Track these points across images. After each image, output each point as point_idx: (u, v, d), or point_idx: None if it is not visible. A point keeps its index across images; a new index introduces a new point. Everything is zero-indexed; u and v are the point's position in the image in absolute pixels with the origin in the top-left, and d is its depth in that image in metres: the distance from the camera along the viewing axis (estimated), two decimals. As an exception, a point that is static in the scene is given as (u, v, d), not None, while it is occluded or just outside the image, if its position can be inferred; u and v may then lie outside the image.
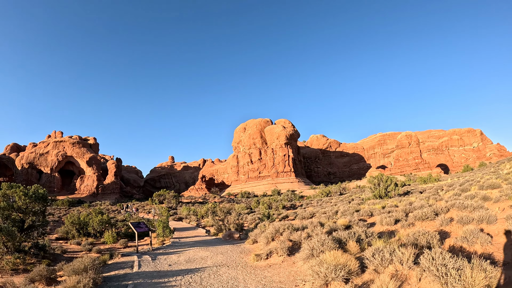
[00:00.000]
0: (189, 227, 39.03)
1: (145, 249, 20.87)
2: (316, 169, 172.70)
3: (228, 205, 60.18)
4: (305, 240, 14.63)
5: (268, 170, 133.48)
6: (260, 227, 24.29)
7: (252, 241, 19.94)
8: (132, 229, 19.04)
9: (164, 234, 28.31)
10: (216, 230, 29.31)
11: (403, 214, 18.34)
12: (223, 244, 21.49)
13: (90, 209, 39.95)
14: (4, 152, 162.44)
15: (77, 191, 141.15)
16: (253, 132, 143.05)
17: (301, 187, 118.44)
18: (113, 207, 73.56)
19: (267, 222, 29.36)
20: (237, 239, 23.56)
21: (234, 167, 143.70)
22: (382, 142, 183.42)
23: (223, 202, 79.00)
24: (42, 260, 19.26)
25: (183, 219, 49.30)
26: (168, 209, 68.64)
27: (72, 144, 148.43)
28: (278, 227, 17.23)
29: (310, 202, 54.76)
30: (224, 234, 24.33)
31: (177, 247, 20.64)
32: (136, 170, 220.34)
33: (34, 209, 22.09)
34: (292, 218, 32.93)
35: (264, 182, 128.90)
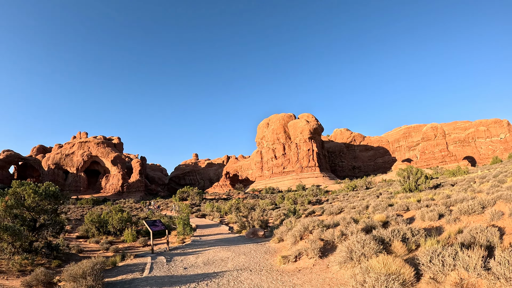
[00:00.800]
0: (212, 224, 37.47)
1: (162, 248, 19.27)
2: (340, 164, 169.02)
3: (252, 201, 58.47)
4: (340, 240, 12.64)
5: (292, 165, 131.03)
6: (286, 224, 22.41)
7: (277, 240, 18.04)
8: (147, 227, 17.38)
9: (185, 232, 26.73)
10: (239, 227, 27.54)
11: (445, 208, 15.98)
12: (246, 242, 19.69)
13: (111, 207, 38.89)
14: (31, 153, 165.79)
15: (102, 190, 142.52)
16: (277, 127, 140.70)
17: (326, 182, 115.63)
18: (137, 205, 73.06)
19: (293, 218, 27.43)
20: (261, 237, 21.70)
21: (258, 163, 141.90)
22: (407, 135, 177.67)
23: (247, 198, 77.40)
24: (53, 260, 17.80)
25: (206, 215, 47.82)
26: (191, 205, 67.54)
27: (96, 144, 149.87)
28: (306, 224, 15.20)
29: (336, 196, 52.52)
30: (248, 232, 22.49)
31: (196, 246, 18.96)
32: (161, 168, 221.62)
33: (45, 207, 20.81)
34: (319, 214, 30.99)
35: (288, 177, 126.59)
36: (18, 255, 17.48)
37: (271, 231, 23.34)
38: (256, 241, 20.37)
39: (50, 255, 19.14)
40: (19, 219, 19.11)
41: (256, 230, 22.30)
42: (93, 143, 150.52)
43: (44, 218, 20.88)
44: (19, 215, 19.40)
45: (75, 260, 19.27)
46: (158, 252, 17.53)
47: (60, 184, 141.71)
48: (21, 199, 20.60)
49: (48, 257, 18.69)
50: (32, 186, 21.22)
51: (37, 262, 17.19)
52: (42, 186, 21.68)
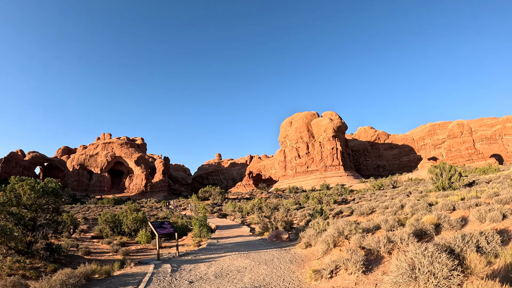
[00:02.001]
0: (232, 224, 35.02)
1: (173, 253, 16.74)
2: (364, 162, 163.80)
3: (275, 200, 55.71)
4: (386, 248, 9.68)
5: (316, 164, 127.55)
6: (314, 226, 19.59)
7: (304, 245, 15.32)
8: (152, 229, 14.86)
9: (201, 234, 24.21)
10: (261, 228, 24.84)
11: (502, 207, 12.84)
12: (268, 247, 17.01)
13: (126, 207, 36.90)
14: (56, 155, 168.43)
15: (126, 190, 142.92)
16: (300, 126, 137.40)
17: (350, 181, 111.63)
18: (158, 205, 71.54)
19: (321, 219, 24.51)
20: (285, 240, 18.96)
21: (281, 162, 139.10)
22: (432, 133, 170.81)
23: (270, 197, 74.58)
24: (49, 264, 15.84)
25: (228, 216, 45.45)
26: (212, 205, 65.28)
27: (120, 145, 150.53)
28: (341, 227, 12.36)
29: (362, 196, 49.30)
30: (271, 234, 19.76)
31: (212, 252, 16.38)
32: (184, 168, 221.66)
33: (43, 205, 18.65)
34: (347, 214, 28.24)
35: (312, 176, 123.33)
36: (12, 257, 15.30)
37: (296, 233, 20.63)
38: (279, 245, 17.65)
39: (50, 257, 17.18)
40: (13, 217, 17.02)
41: (280, 232, 19.54)
42: (116, 144, 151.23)
43: (44, 217, 18.92)
44: (15, 214, 17.37)
45: (77, 263, 17.05)
46: (165, 258, 15.01)
47: (84, 184, 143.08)
48: (19, 196, 18.58)
49: (47, 260, 16.78)
50: (30, 181, 19.13)
51: (33, 265, 15.45)
52: (42, 182, 19.57)
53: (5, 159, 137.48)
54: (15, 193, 18.36)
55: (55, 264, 15.85)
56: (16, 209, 17.69)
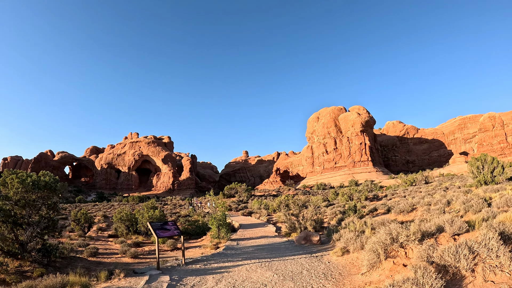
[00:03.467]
0: (257, 223, 32.09)
1: (186, 258, 13.77)
2: (393, 158, 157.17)
3: (303, 197, 52.40)
4: (468, 262, 6.36)
5: (344, 160, 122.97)
6: (349, 226, 16.43)
7: (341, 251, 12.18)
8: (151, 231, 11.91)
9: (220, 234, 21.23)
10: (288, 228, 21.67)
11: None
12: (296, 252, 13.95)
13: (143, 204, 34.54)
14: (84, 154, 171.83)
15: (154, 187, 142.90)
16: (327, 121, 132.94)
17: (379, 177, 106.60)
18: (182, 202, 69.48)
19: (355, 218, 21.14)
20: (316, 244, 15.78)
21: (308, 158, 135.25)
22: (462, 126, 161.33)
23: (297, 194, 71.07)
24: (36, 268, 13.81)
25: (253, 213, 42.53)
26: (237, 202, 62.52)
27: (147, 144, 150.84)
28: (395, 232, 9.06)
29: (394, 192, 45.28)
30: (299, 236, 16.58)
31: (227, 258, 13.51)
32: (211, 166, 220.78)
33: (32, 201, 16.25)
34: (383, 212, 24.90)
35: (340, 172, 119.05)
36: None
37: (328, 234, 17.37)
38: (309, 249, 14.52)
39: (43, 259, 15.20)
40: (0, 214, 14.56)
41: (309, 234, 16.32)
42: (144, 142, 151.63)
43: (37, 214, 16.40)
44: (3, 209, 15.03)
45: (75, 267, 15.19)
46: (166, 267, 12.08)
47: (112, 183, 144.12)
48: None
49: (40, 262, 14.76)
50: (20, 174, 16.64)
51: (21, 268, 13.63)
52: (33, 175, 17.05)
53: (35, 159, 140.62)
54: (6, 187, 16.11)
55: (43, 269, 13.66)
56: (2, 203, 15.34)
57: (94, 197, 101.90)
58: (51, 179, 17.11)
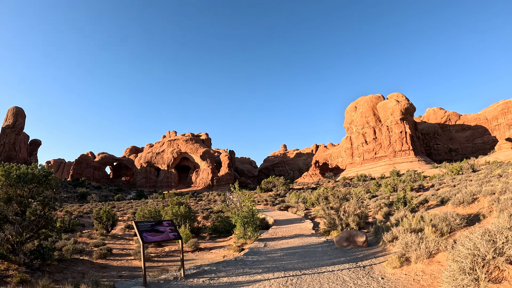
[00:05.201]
0: (293, 218, 28.85)
1: (195, 264, 10.70)
2: (435, 146, 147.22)
3: (344, 189, 48.24)
4: None
5: (384, 149, 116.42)
6: (403, 223, 12.82)
7: (398, 260, 8.64)
8: (137, 234, 8.71)
9: (245, 234, 18.02)
10: (327, 225, 18.12)
11: None
12: (336, 258, 10.68)
13: (169, 200, 32.05)
14: (124, 154, 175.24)
15: (193, 184, 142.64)
16: (365, 110, 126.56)
17: (422, 167, 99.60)
18: (218, 197, 67.12)
19: (407, 212, 17.22)
20: (361, 246, 12.31)
21: (348, 149, 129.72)
22: (505, 111, 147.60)
23: (337, 186, 66.79)
24: (18, 274, 11.69)
25: (290, 208, 39.18)
26: (275, 196, 59.30)
27: (185, 141, 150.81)
28: (504, 239, 5.01)
29: (441, 181, 40.37)
30: (340, 236, 13.10)
31: (244, 269, 10.46)
32: (250, 161, 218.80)
33: (17, 197, 14.07)
34: (436, 203, 20.94)
35: (380, 163, 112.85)
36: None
37: (375, 232, 13.85)
38: (353, 254, 11.15)
39: (34, 262, 13.48)
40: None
41: (353, 234, 12.78)
42: (181, 140, 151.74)
43: (33, 212, 14.17)
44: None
45: (73, 271, 13.82)
46: (159, 282, 8.86)
47: (152, 180, 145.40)
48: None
49: (29, 266, 13.03)
50: (7, 167, 14.31)
51: (6, 273, 11.89)
52: (23, 167, 14.66)
53: (76, 161, 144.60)
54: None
55: (27, 275, 11.56)
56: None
57: (134, 195, 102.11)
58: (41, 172, 14.55)
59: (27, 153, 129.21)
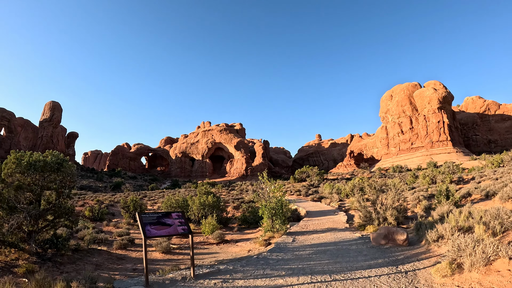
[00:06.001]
0: (326, 210, 27.28)
1: (209, 261, 9.45)
2: (474, 137, 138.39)
3: (380, 180, 45.70)
4: None
5: (421, 140, 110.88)
6: (448, 219, 11.33)
7: (449, 267, 7.20)
8: (140, 227, 7.42)
9: (273, 227, 16.63)
10: (362, 219, 16.45)
11: None
12: (372, 260, 9.29)
13: (197, 189, 31.13)
14: (159, 145, 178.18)
15: (227, 174, 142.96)
16: (401, 99, 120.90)
17: (460, 158, 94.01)
18: (251, 187, 66.05)
19: (451, 206, 15.25)
20: (401, 244, 10.76)
21: (383, 139, 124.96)
22: None
23: (372, 177, 63.99)
24: (24, 264, 11.38)
25: (323, 199, 37.45)
26: (308, 187, 57.53)
27: (219, 132, 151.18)
28: None
29: (482, 174, 37.18)
30: (377, 233, 11.49)
31: (265, 270, 9.19)
32: (284, 151, 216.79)
33: (27, 185, 13.38)
34: (480, 197, 19.13)
35: (417, 154, 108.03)
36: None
37: (417, 229, 12.34)
38: (392, 255, 9.67)
39: (46, 252, 12.97)
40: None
41: (392, 231, 11.10)
42: (216, 130, 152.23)
43: (49, 200, 13.72)
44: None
45: (86, 262, 13.09)
46: (164, 281, 7.66)
47: (187, 170, 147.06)
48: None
49: (41, 256, 12.48)
50: (19, 154, 13.61)
51: (16, 262, 11.51)
52: (36, 155, 13.96)
53: (112, 152, 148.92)
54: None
55: (35, 265, 11.23)
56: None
57: (168, 185, 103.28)
58: (53, 159, 13.69)
59: (65, 145, 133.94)
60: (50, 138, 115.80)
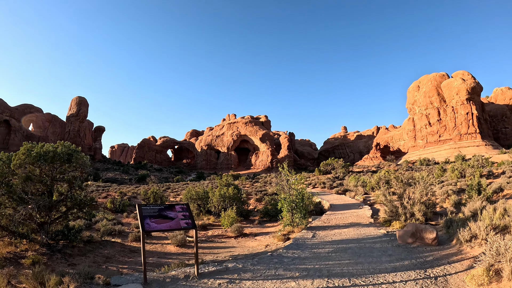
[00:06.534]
0: (351, 203, 26.19)
1: (223, 257, 8.73)
2: (503, 130, 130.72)
3: (407, 173, 43.86)
4: None
5: (449, 132, 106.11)
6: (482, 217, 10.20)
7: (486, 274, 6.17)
8: (139, 220, 6.67)
9: (293, 221, 15.75)
10: (388, 214, 15.28)
11: None
12: (398, 261, 8.34)
13: (218, 181, 30.49)
14: (185, 138, 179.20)
15: (252, 166, 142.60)
16: (428, 90, 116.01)
17: (489, 151, 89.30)
18: (275, 179, 65.18)
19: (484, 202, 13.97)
20: (431, 244, 9.87)
21: (410, 131, 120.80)
22: None
23: (399, 170, 61.76)
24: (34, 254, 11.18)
25: (348, 191, 36.23)
26: (333, 179, 56.15)
27: (244, 124, 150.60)
28: None
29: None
30: (404, 231, 10.47)
31: (277, 270, 8.39)
32: (310, 143, 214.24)
33: (36, 176, 12.95)
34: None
35: (445, 146, 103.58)
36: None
37: (447, 226, 11.28)
38: (420, 256, 8.71)
39: (57, 243, 12.79)
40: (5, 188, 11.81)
41: (421, 228, 10.05)
42: (241, 123, 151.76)
43: (61, 192, 13.58)
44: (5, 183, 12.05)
45: (97, 255, 12.78)
46: (165, 279, 6.94)
47: (212, 163, 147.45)
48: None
49: (51, 247, 12.23)
50: (30, 145, 13.27)
51: (25, 253, 11.23)
52: (47, 146, 13.58)
53: (138, 145, 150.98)
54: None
55: (42, 256, 11.06)
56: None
57: (194, 177, 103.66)
58: (63, 149, 13.22)
59: (92, 139, 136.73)
60: (77, 133, 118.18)
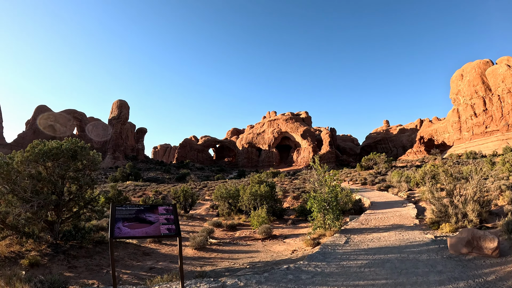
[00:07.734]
0: (394, 201, 23.83)
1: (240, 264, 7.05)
2: None
3: (454, 167, 39.95)
4: None
5: (496, 123, 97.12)
6: None
7: None
8: (109, 223, 5.02)
9: (325, 222, 13.76)
10: (436, 214, 12.96)
11: None
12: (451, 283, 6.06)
13: (250, 178, 28.87)
14: (226, 136, 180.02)
15: (294, 163, 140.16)
16: (472, 78, 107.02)
17: None
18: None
19: None
20: (491, 255, 7.64)
21: (455, 123, 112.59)
22: None
23: (445, 165, 57.16)
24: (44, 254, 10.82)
25: (391, 188, 33.44)
26: (375, 175, 52.88)
27: (285, 121, 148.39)
28: None
29: None
30: (457, 238, 8.31)
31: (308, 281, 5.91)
32: (352, 138, 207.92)
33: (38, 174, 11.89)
34: None
35: (492, 138, 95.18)
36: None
37: (508, 231, 8.81)
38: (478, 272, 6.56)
39: (63, 243, 11.95)
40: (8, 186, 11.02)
41: (478, 235, 7.91)
42: (281, 120, 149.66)
43: (71, 190, 12.67)
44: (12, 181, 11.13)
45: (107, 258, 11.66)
46: None
47: (254, 160, 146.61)
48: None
49: (56, 247, 11.51)
50: (36, 143, 12.25)
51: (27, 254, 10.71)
52: (53, 143, 12.48)
53: (180, 145, 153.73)
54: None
55: (38, 258, 10.36)
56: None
57: (235, 175, 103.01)
58: (68, 145, 11.99)
59: (135, 141, 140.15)
60: (119, 135, 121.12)
